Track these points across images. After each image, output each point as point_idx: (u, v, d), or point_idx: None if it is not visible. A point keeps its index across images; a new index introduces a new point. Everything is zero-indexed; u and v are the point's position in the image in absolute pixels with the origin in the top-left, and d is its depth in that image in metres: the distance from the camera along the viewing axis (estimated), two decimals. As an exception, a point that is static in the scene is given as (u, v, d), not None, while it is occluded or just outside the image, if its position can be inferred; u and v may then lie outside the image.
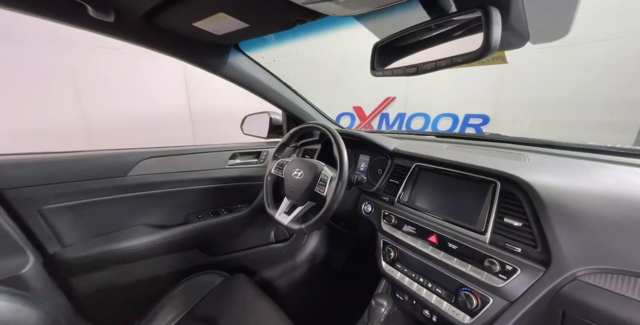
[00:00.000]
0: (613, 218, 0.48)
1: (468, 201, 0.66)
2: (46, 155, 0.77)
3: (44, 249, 0.78)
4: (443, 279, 0.64)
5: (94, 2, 0.51)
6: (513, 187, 0.59)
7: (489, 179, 0.63)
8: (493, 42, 0.39)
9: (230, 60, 0.85)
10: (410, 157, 0.83)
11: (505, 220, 0.58)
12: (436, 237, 0.67)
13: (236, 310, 0.79)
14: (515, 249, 0.54)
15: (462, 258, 0.61)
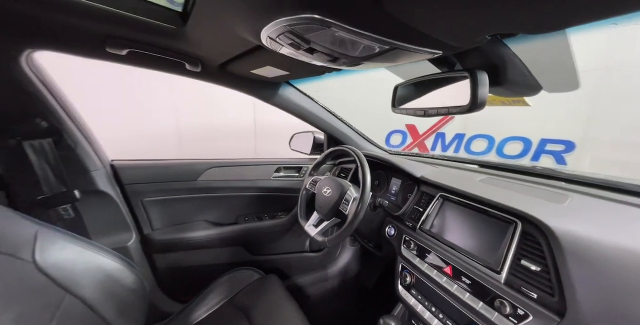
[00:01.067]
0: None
1: (488, 238, 0.65)
2: (148, 162, 1.07)
3: (141, 229, 1.07)
4: (454, 312, 0.65)
5: (189, 60, 0.74)
6: (534, 229, 0.57)
7: (510, 218, 0.62)
8: (479, 99, 0.45)
9: (280, 92, 1.03)
10: (436, 186, 0.85)
11: (522, 263, 0.56)
12: (451, 269, 0.69)
13: (265, 306, 0.92)
14: (530, 294, 0.53)
15: (475, 294, 0.61)
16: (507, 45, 0.46)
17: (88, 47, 0.65)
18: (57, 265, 0.64)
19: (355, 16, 0.31)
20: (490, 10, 0.28)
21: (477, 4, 0.27)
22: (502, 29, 0.33)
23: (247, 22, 0.39)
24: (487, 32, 0.34)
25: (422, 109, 0.59)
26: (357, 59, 0.45)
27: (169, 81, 2.64)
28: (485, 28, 0.33)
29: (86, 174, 0.87)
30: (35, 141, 0.76)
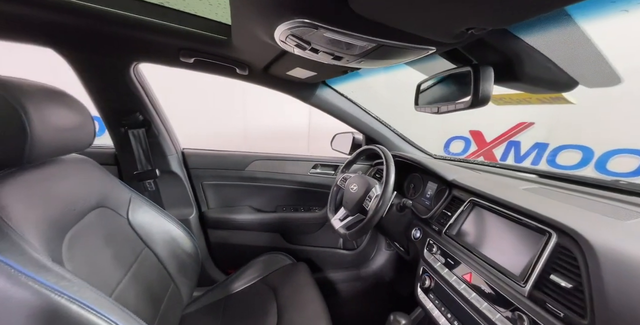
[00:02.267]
0: None
1: (516, 248, 0.60)
2: (209, 151, 1.30)
3: (200, 207, 1.30)
4: (469, 320, 0.62)
5: (238, 65, 0.90)
6: (571, 243, 0.51)
7: (543, 228, 0.55)
8: (481, 94, 0.43)
9: (317, 92, 1.13)
10: (467, 190, 0.80)
11: (551, 277, 0.50)
12: (471, 277, 0.65)
13: (292, 288, 1.02)
14: (556, 312, 0.47)
15: (493, 304, 0.57)
16: (520, 38, 0.43)
17: (169, 58, 0.87)
18: (141, 224, 0.86)
19: (333, 18, 0.37)
20: (452, 6, 0.29)
21: (432, 3, 0.29)
22: (471, 24, 0.33)
23: (262, 29, 0.49)
24: (457, 28, 0.34)
25: (435, 105, 0.58)
26: (356, 57, 0.49)
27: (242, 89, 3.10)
28: (452, 24, 0.33)
29: (164, 157, 1.13)
30: (135, 130, 1.03)
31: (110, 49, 0.85)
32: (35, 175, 0.62)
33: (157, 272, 0.86)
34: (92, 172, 0.78)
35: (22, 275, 0.46)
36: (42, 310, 0.47)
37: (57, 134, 0.60)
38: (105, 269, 0.68)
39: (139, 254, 0.81)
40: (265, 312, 0.94)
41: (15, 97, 0.52)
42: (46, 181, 0.63)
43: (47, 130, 0.57)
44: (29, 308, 0.46)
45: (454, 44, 0.43)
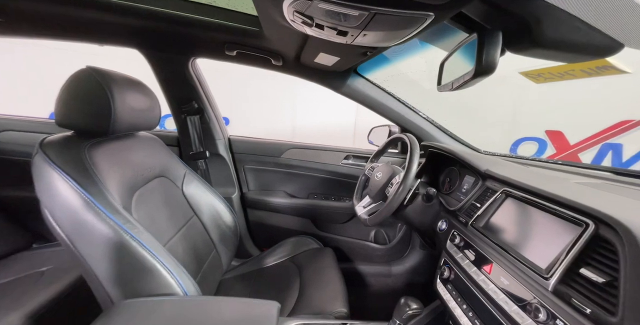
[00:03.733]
0: None
1: (547, 240, 0.54)
2: (250, 138, 1.44)
3: (241, 188, 1.46)
4: (485, 312, 0.58)
5: (272, 56, 1.00)
6: (611, 234, 0.43)
7: (580, 219, 0.48)
8: (484, 60, 0.40)
9: (349, 82, 1.15)
10: (502, 180, 0.73)
11: (582, 271, 0.44)
12: (491, 268, 0.61)
13: (315, 268, 1.09)
14: (583, 308, 0.41)
15: (510, 296, 0.53)
16: None
17: (217, 52, 1.02)
18: (192, 196, 1.03)
19: None
20: None
21: None
22: None
23: (276, 11, 0.55)
24: None
25: (450, 82, 0.55)
26: (357, 29, 0.51)
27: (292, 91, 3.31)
28: None
29: (213, 141, 1.31)
30: (192, 117, 1.23)
31: (177, 46, 1.05)
32: (116, 144, 0.81)
33: (202, 237, 1.02)
34: (158, 148, 0.97)
35: (103, 213, 0.63)
36: (113, 241, 0.63)
37: (132, 113, 0.78)
38: (161, 225, 0.84)
39: (188, 220, 0.97)
40: (289, 287, 1.01)
41: (106, 82, 0.70)
42: (124, 150, 0.83)
43: (126, 109, 0.74)
44: (106, 238, 0.62)
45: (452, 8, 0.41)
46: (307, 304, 0.92)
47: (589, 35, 0.40)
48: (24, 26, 0.94)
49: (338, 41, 0.62)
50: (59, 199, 0.62)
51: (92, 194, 0.64)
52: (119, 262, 0.64)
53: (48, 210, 0.63)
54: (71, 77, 0.70)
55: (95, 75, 0.70)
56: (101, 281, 0.65)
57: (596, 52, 0.43)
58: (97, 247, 0.63)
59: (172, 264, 0.69)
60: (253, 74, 3.06)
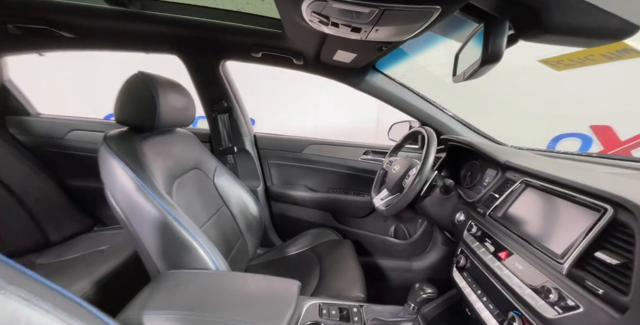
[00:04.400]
0: None
1: (565, 227, 0.55)
2: (273, 135, 1.53)
3: (266, 181, 1.55)
4: (498, 296, 0.60)
5: (294, 56, 1.07)
6: (629, 217, 0.44)
7: (599, 205, 0.48)
8: (490, 49, 0.42)
9: (367, 78, 1.18)
10: (521, 171, 0.72)
11: (596, 254, 0.45)
12: (507, 254, 0.62)
13: (334, 258, 1.15)
14: (596, 289, 0.42)
15: (523, 280, 0.54)
16: None
17: (244, 54, 1.11)
18: (222, 187, 1.13)
19: None
20: None
21: None
22: None
23: (295, 13, 0.61)
24: None
25: (462, 72, 0.57)
26: (369, 25, 0.55)
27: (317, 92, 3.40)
28: None
29: (240, 138, 1.41)
30: (222, 115, 1.34)
31: (210, 51, 1.16)
32: (160, 138, 0.93)
33: (231, 225, 1.12)
34: (193, 143, 1.09)
35: (151, 196, 0.73)
36: (158, 221, 0.73)
37: (172, 111, 0.89)
38: (196, 211, 0.94)
39: (219, 209, 1.08)
40: (310, 274, 1.07)
41: (153, 85, 0.82)
42: (166, 144, 0.94)
43: (167, 107, 0.85)
44: (153, 217, 0.73)
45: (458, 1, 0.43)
46: (326, 288, 0.97)
47: (600, 18, 0.41)
48: (90, 41, 1.11)
49: (353, 38, 0.66)
50: (117, 183, 0.74)
51: (142, 179, 0.75)
52: (164, 239, 0.75)
53: (110, 192, 0.75)
54: (126, 81, 0.82)
55: (144, 78, 0.81)
56: (150, 255, 0.76)
57: (610, 36, 0.42)
58: (146, 225, 0.74)
59: (207, 244, 0.79)
60: (276, 76, 3.19)
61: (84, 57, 2.51)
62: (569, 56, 0.55)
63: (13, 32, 0.98)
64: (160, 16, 0.95)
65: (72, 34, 1.00)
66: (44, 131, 1.33)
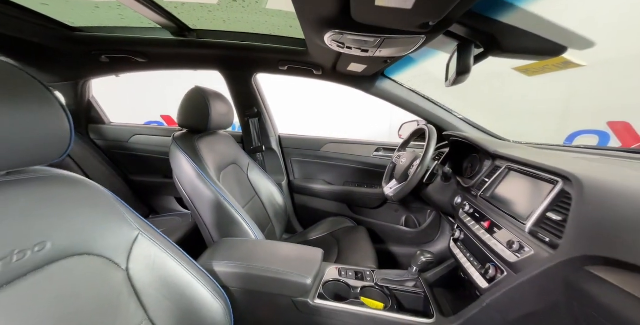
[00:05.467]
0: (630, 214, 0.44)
1: (533, 198, 0.70)
2: (295, 135, 1.74)
3: (289, 176, 1.76)
4: (481, 255, 0.76)
5: (314, 67, 1.27)
6: (571, 186, 0.59)
7: (554, 179, 0.65)
8: (460, 67, 0.59)
9: (377, 84, 1.36)
10: (506, 158, 0.88)
11: (547, 214, 0.61)
12: (489, 224, 0.77)
13: (351, 240, 1.33)
14: (544, 238, 0.58)
15: (499, 240, 0.70)
16: (497, 19, 0.57)
17: (273, 68, 1.34)
18: (254, 180, 1.35)
19: (347, 26, 0.64)
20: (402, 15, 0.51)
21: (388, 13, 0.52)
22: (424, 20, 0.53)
23: (319, 38, 0.81)
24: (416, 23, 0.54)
25: (450, 80, 0.74)
26: (375, 49, 0.74)
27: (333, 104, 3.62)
28: (411, 22, 0.53)
29: (268, 138, 1.63)
30: (252, 119, 1.57)
31: (245, 66, 1.40)
32: (210, 138, 1.17)
33: (262, 212, 1.33)
34: (232, 143, 1.32)
35: (207, 181, 0.96)
36: (213, 200, 0.95)
37: (219, 116, 1.12)
38: (237, 198, 1.16)
39: (252, 198, 1.29)
40: (330, 252, 1.26)
41: (206, 96, 1.05)
42: (214, 142, 1.18)
43: (216, 113, 1.08)
44: (210, 198, 0.95)
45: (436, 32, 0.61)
46: (344, 261, 1.16)
47: (539, 42, 0.58)
48: (157, 63, 1.39)
49: (363, 56, 0.85)
50: (183, 171, 0.97)
51: (201, 169, 0.97)
52: (217, 215, 0.97)
53: (177, 179, 0.99)
54: (186, 94, 1.06)
55: (200, 91, 1.05)
56: (207, 227, 0.98)
57: (548, 53, 0.59)
58: (205, 204, 0.96)
59: (249, 220, 1.00)
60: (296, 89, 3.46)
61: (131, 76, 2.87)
62: (532, 65, 0.68)
63: (104, 60, 1.27)
64: (209, 42, 1.20)
65: (145, 59, 1.28)
66: (113, 136, 1.64)
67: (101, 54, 1.25)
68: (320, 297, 0.78)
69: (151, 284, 0.57)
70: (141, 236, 0.58)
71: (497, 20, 0.58)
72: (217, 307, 0.65)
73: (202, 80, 1.12)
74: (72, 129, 0.48)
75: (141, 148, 1.64)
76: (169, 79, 3.21)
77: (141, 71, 1.41)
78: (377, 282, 0.88)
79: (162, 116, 3.84)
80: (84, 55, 1.28)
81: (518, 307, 0.59)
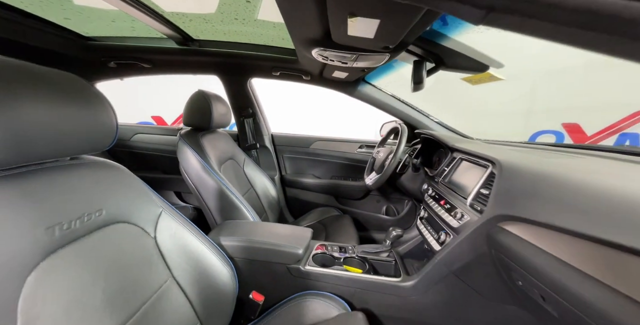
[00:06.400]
0: (530, 186, 0.63)
1: (472, 179, 0.90)
2: (286, 134, 1.91)
3: (281, 171, 1.92)
4: (437, 227, 0.95)
5: (303, 73, 1.45)
6: (495, 168, 0.79)
7: (487, 163, 0.84)
8: (415, 79, 0.78)
9: (359, 88, 1.55)
10: (459, 150, 1.08)
11: (481, 190, 0.80)
12: (444, 202, 0.96)
13: (336, 226, 1.51)
14: (477, 207, 0.78)
15: (449, 213, 0.89)
16: (441, 43, 0.77)
17: (266, 73, 1.50)
18: (250, 174, 1.51)
19: (328, 45, 0.82)
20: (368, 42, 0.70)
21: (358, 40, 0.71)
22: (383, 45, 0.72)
23: (307, 52, 0.98)
24: (379, 46, 0.73)
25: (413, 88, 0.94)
26: (353, 61, 0.92)
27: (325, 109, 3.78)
28: (375, 45, 0.72)
29: (261, 136, 1.79)
30: (247, 119, 1.72)
31: (241, 72, 1.55)
32: (211, 135, 1.32)
33: (257, 203, 1.49)
34: (229, 140, 1.47)
35: (211, 172, 1.11)
36: (216, 188, 1.11)
37: (219, 116, 1.27)
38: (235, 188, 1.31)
39: (248, 190, 1.45)
40: (318, 237, 1.43)
41: (208, 98, 1.21)
42: (214, 139, 1.33)
43: (217, 113, 1.24)
44: (213, 186, 1.11)
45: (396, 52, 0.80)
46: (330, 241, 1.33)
47: (470, 62, 0.78)
48: (160, 69, 1.53)
49: (344, 66, 1.04)
50: (189, 163, 1.12)
51: (205, 161, 1.13)
52: (220, 201, 1.12)
53: (184, 170, 1.14)
54: (191, 96, 1.21)
55: (203, 94, 1.20)
56: (211, 211, 1.13)
57: (477, 69, 0.79)
58: (209, 191, 1.12)
59: (248, 205, 1.16)
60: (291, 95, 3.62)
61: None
62: (472, 77, 0.87)
63: (112, 66, 1.40)
64: (210, 51, 1.35)
65: (150, 65, 1.42)
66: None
67: (110, 60, 1.38)
68: (309, 265, 0.95)
69: (174, 251, 0.72)
70: (164, 213, 0.73)
71: (441, 45, 0.78)
72: (226, 273, 0.81)
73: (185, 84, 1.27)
74: (117, 124, 0.63)
75: (142, 146, 1.76)
76: (155, 86, 3.52)
77: (144, 75, 1.54)
78: (357, 254, 1.06)
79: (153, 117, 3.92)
80: (94, 61, 1.40)
81: (459, 259, 0.78)
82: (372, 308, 0.90)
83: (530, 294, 0.59)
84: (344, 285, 0.91)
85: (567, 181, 0.55)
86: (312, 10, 0.62)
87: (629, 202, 0.43)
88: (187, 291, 0.71)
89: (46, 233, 0.47)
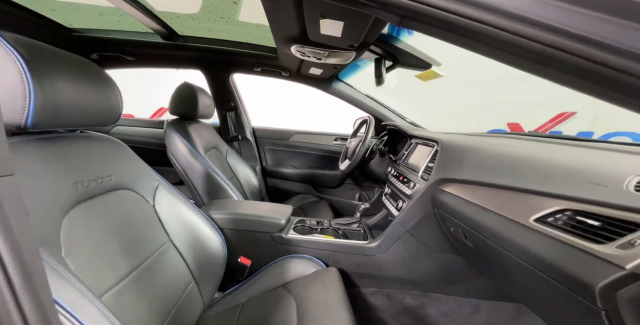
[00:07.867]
0: (459, 156, 0.83)
1: (423, 157, 1.09)
2: (266, 127, 2.03)
3: (262, 163, 2.03)
4: (396, 197, 1.13)
5: (283, 70, 1.60)
6: (438, 146, 0.99)
7: (433, 144, 1.04)
8: (376, 74, 0.96)
9: (333, 85, 1.73)
10: (415, 136, 1.28)
11: (428, 164, 0.99)
12: (402, 178, 1.15)
13: (314, 211, 1.66)
14: (425, 177, 0.96)
15: (405, 185, 1.07)
16: (394, 44, 0.96)
17: (248, 69, 1.63)
18: (232, 164, 1.61)
19: (305, 42, 0.98)
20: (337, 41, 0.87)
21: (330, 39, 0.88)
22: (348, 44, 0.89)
23: (287, 49, 1.13)
24: (345, 44, 0.91)
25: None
26: (326, 58, 1.09)
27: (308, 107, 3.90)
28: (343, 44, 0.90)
29: (243, 129, 1.90)
30: (229, 112, 1.83)
31: (223, 67, 1.66)
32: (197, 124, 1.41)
33: (240, 191, 1.58)
34: (213, 131, 1.58)
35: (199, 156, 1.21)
36: (203, 171, 1.23)
37: (204, 107, 1.37)
38: None
39: (232, 177, 1.55)
40: None
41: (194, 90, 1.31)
42: (200, 128, 1.42)
43: (202, 103, 1.34)
44: (200, 169, 1.22)
45: (361, 50, 0.98)
46: None
47: (417, 60, 0.98)
48: (144, 62, 1.58)
49: (319, 62, 1.20)
50: (177, 148, 1.21)
51: (193, 146, 1.22)
52: (207, 182, 1.22)
53: (172, 155, 1.22)
54: (177, 88, 1.30)
55: (189, 86, 1.30)
56: (199, 192, 1.23)
57: (423, 67, 0.99)
58: (196, 174, 1.21)
59: (232, 187, 1.27)
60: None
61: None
62: (421, 74, 1.07)
63: (94, 58, 1.43)
64: (194, 46, 1.45)
65: (134, 58, 1.48)
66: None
67: (92, 52, 1.42)
68: (290, 233, 1.09)
69: (170, 218, 0.82)
70: (160, 186, 0.84)
71: (395, 45, 0.97)
72: (216, 240, 0.93)
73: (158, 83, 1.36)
74: (122, 103, 0.73)
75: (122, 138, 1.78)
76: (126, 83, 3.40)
77: (128, 67, 1.59)
78: (331, 226, 1.22)
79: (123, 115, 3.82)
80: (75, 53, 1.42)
81: (412, 219, 0.96)
82: (344, 266, 1.06)
83: (458, 236, 0.78)
84: (320, 249, 1.06)
85: (482, 151, 0.77)
86: (291, 11, 0.78)
87: (514, 160, 0.63)
88: (183, 253, 0.82)
89: (73, 187, 0.57)
